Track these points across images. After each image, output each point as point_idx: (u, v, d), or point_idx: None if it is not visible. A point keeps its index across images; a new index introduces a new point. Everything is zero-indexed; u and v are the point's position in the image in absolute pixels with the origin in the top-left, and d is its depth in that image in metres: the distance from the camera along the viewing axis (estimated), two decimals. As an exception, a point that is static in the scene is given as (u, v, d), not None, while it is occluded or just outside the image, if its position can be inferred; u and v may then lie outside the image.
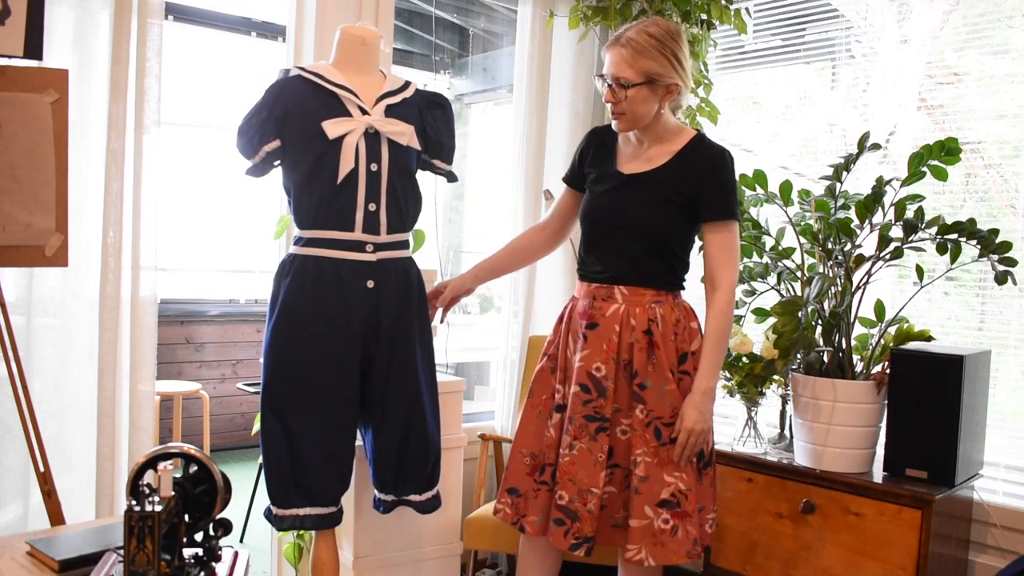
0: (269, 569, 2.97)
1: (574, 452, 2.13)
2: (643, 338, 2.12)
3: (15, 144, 2.09)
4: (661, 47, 2.06)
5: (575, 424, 2.13)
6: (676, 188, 2.12)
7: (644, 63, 2.05)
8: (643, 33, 2.06)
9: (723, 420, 3.33)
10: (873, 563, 2.38)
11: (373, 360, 2.22)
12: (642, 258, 2.13)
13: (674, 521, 2.07)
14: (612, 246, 2.17)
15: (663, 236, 2.13)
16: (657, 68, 2.06)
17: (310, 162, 2.14)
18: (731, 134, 3.43)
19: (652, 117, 2.12)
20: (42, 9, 2.10)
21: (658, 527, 2.07)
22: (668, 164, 2.14)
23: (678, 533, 2.07)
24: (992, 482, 2.61)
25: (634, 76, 2.06)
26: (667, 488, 2.08)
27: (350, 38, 2.23)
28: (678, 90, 2.11)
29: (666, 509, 2.08)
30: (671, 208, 2.12)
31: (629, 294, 2.14)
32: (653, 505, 2.08)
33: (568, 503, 2.12)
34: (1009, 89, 2.69)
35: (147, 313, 2.50)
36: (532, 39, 3.31)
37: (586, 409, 2.13)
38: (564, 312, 2.28)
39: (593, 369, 2.13)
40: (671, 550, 2.07)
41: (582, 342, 2.16)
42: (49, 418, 2.37)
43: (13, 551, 1.86)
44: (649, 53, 2.05)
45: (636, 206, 2.14)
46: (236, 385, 5.08)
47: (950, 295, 2.86)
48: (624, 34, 2.09)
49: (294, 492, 2.16)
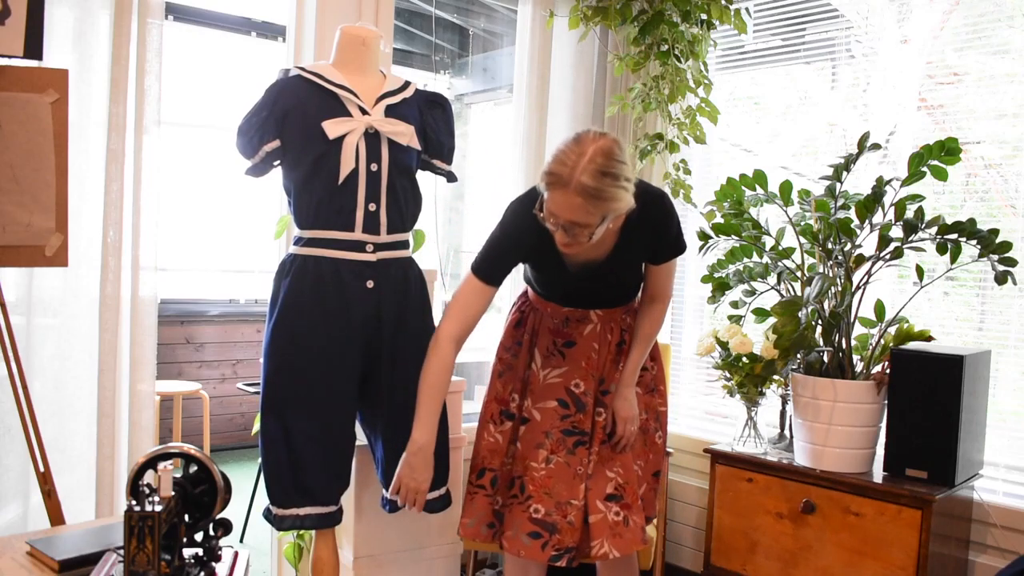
0: (269, 569, 2.97)
1: (551, 466, 2.16)
2: (615, 350, 2.22)
3: (15, 144, 2.09)
4: (617, 183, 1.83)
5: (552, 439, 2.17)
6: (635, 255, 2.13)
7: (605, 207, 1.83)
8: (598, 176, 1.80)
9: (723, 420, 3.33)
10: (873, 563, 2.38)
11: (375, 360, 2.22)
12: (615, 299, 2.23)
13: (624, 512, 2.15)
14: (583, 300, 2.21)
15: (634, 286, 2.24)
16: (614, 204, 1.84)
17: (310, 162, 2.14)
18: (731, 134, 3.44)
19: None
20: (42, 9, 2.10)
21: (612, 520, 2.14)
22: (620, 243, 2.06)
23: (630, 523, 2.15)
24: (992, 482, 2.61)
25: (595, 220, 1.85)
26: (610, 483, 2.16)
27: (350, 38, 2.23)
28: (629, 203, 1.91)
29: (614, 503, 2.15)
30: (635, 268, 2.19)
31: (603, 315, 2.21)
32: (602, 499, 2.15)
33: (544, 516, 2.13)
34: (1009, 89, 2.69)
35: (147, 313, 2.50)
36: (532, 39, 3.30)
37: (564, 424, 2.18)
38: (523, 319, 2.28)
39: (572, 385, 2.20)
40: (628, 540, 2.14)
41: (558, 359, 2.21)
42: (49, 418, 2.36)
43: (13, 551, 1.86)
44: (608, 194, 1.82)
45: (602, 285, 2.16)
46: (236, 385, 5.08)
47: (950, 295, 2.86)
48: (574, 177, 1.80)
49: (294, 492, 2.16)
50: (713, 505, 2.75)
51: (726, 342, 2.71)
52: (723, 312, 2.87)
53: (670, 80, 3.07)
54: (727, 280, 2.79)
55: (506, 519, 2.20)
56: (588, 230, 1.86)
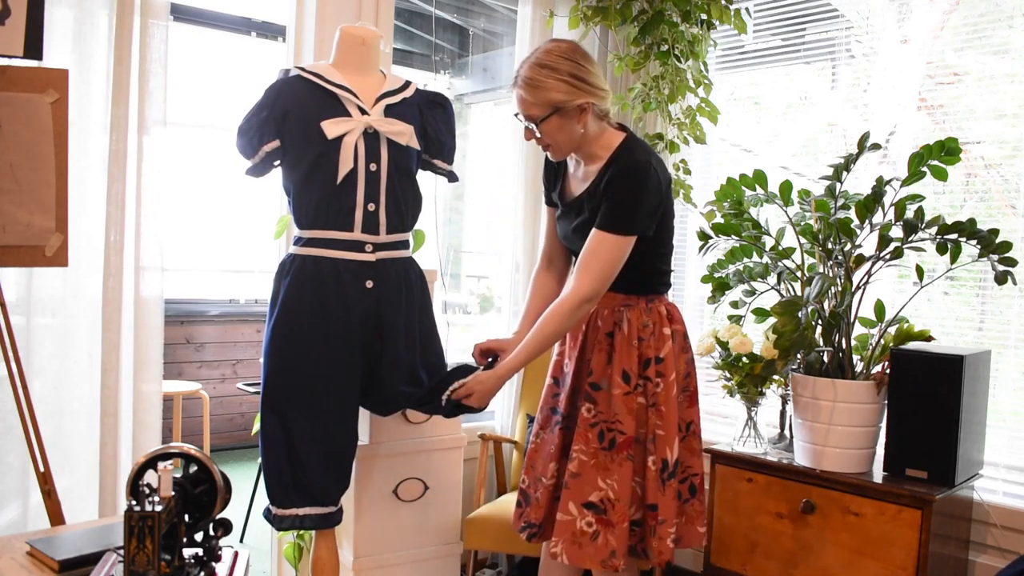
0: (269, 569, 2.97)
1: (538, 440, 2.25)
2: (605, 340, 2.17)
3: (15, 144, 2.09)
4: (556, 74, 2.02)
5: (543, 414, 2.27)
6: (597, 207, 2.10)
7: (544, 96, 2.03)
8: (535, 67, 2.04)
9: (723, 420, 3.33)
10: (873, 563, 2.38)
11: (376, 360, 2.22)
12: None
13: (597, 526, 2.09)
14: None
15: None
16: (558, 96, 2.03)
17: (310, 162, 2.14)
18: (731, 134, 3.44)
19: (579, 138, 2.10)
20: (42, 9, 2.10)
21: (579, 527, 2.09)
22: (592, 184, 2.13)
23: (598, 539, 2.08)
24: (992, 482, 2.61)
25: (539, 111, 2.05)
26: (598, 492, 2.10)
27: (350, 38, 2.23)
28: (591, 106, 2.06)
29: (591, 512, 2.10)
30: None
31: (602, 296, 2.16)
32: (579, 504, 2.11)
33: (527, 487, 2.25)
34: (1009, 89, 2.69)
35: (153, 313, 2.50)
36: (532, 39, 3.31)
37: (553, 401, 2.25)
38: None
39: (564, 364, 2.25)
40: (587, 553, 2.08)
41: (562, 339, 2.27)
42: (49, 418, 2.36)
43: (13, 551, 1.86)
44: (546, 84, 2.02)
45: (578, 232, 2.16)
46: (236, 385, 5.08)
47: (950, 295, 2.86)
48: (519, 72, 2.08)
49: (294, 492, 2.16)
50: (713, 505, 2.75)
51: (726, 342, 2.71)
52: (723, 312, 2.87)
53: (670, 80, 3.08)
54: (727, 280, 2.79)
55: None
56: (538, 126, 2.06)
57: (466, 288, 4.67)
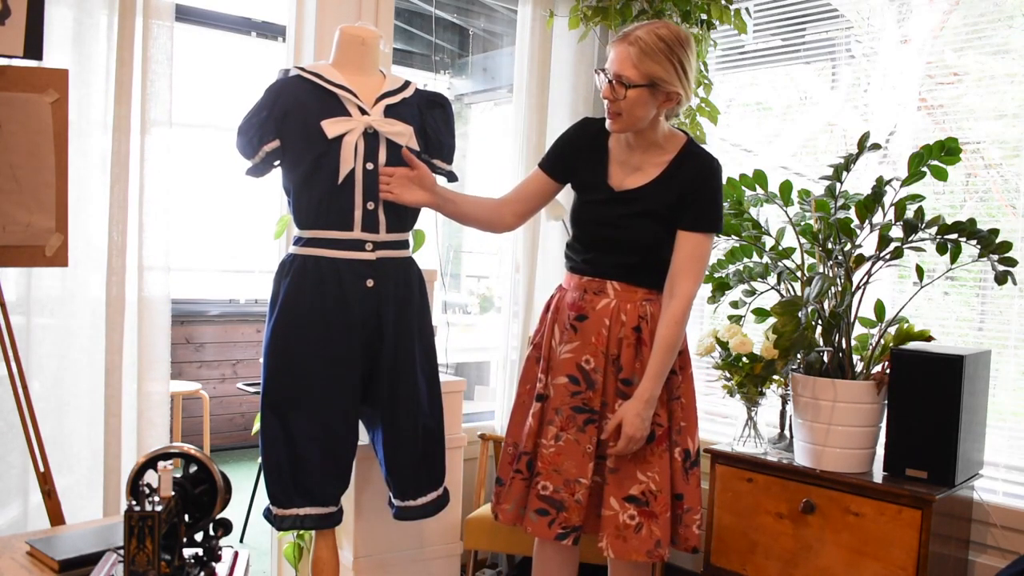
0: (269, 569, 2.97)
1: (560, 443, 2.14)
2: (632, 334, 2.13)
3: (15, 144, 2.09)
4: (669, 52, 1.99)
5: (562, 415, 2.15)
6: (666, 203, 2.10)
7: (649, 65, 1.99)
8: (653, 34, 1.99)
9: (723, 420, 3.33)
10: (873, 563, 2.38)
11: (376, 359, 2.22)
12: (634, 266, 2.15)
13: (640, 518, 2.10)
14: (603, 254, 2.17)
15: (656, 249, 2.14)
16: (661, 72, 2.00)
17: (309, 162, 2.14)
18: (731, 134, 3.43)
19: (647, 122, 2.08)
20: (42, 9, 2.10)
21: (623, 521, 2.10)
22: (659, 179, 2.12)
23: (642, 531, 2.10)
24: (992, 482, 2.61)
25: (637, 77, 2.00)
26: (638, 485, 2.11)
27: (350, 38, 2.23)
28: (678, 99, 2.06)
29: (633, 505, 2.10)
30: (663, 223, 2.12)
31: (621, 290, 2.15)
32: (620, 499, 2.10)
33: (552, 493, 2.14)
34: (1009, 89, 2.69)
35: (159, 312, 2.51)
36: (532, 39, 3.31)
37: (574, 401, 2.15)
38: (551, 302, 2.29)
39: (583, 361, 2.15)
40: (632, 546, 2.09)
41: (570, 333, 2.17)
42: (49, 418, 2.37)
43: (13, 551, 1.86)
44: (656, 56, 1.98)
45: (629, 222, 2.13)
46: (236, 385, 5.08)
47: (950, 295, 2.86)
48: (633, 32, 2.01)
49: (294, 492, 2.16)
50: (713, 505, 2.74)
51: (726, 342, 2.71)
52: (723, 312, 2.87)
53: (670, 80, 3.07)
54: (727, 280, 2.79)
55: (504, 492, 2.23)
56: (627, 91, 2.00)
57: (466, 288, 4.67)
